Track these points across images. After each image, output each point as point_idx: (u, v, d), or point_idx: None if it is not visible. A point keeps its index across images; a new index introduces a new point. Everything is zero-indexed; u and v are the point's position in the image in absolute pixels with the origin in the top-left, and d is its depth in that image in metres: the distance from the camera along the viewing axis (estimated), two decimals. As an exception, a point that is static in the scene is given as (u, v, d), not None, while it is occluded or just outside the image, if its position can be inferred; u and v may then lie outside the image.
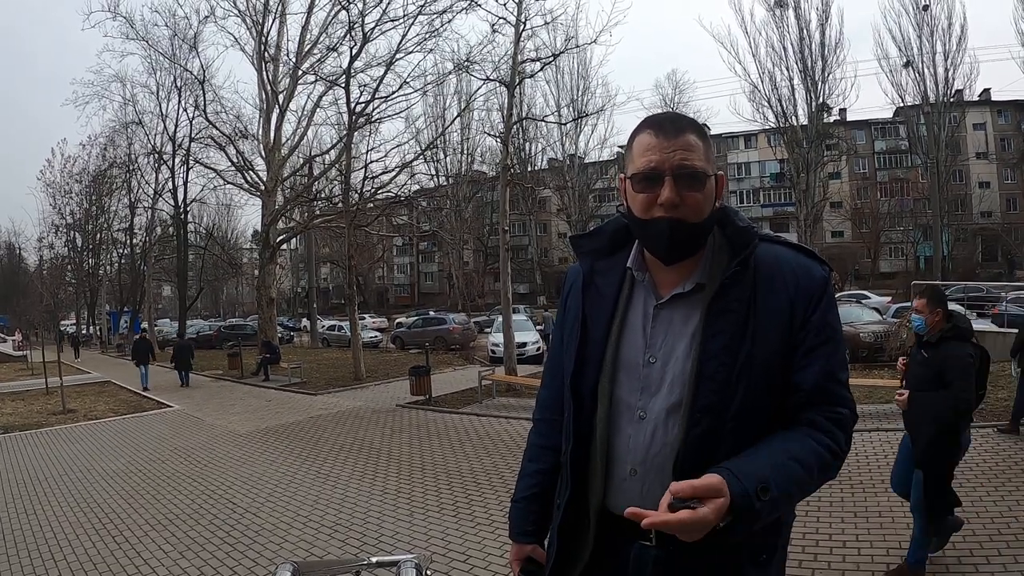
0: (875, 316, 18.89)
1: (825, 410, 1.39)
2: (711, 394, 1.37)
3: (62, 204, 44.49)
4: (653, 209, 1.41)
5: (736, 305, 1.40)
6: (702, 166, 1.40)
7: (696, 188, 1.40)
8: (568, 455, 1.57)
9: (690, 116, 1.53)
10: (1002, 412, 8.51)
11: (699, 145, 1.41)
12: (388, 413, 12.48)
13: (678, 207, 1.39)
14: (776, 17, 42.67)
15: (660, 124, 1.43)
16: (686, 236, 1.42)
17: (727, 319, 1.40)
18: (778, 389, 1.40)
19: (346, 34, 19.19)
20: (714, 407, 1.37)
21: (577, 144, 59.07)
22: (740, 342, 1.38)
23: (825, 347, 1.41)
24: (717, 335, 1.40)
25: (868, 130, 55.47)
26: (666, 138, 1.40)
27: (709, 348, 1.40)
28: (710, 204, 1.44)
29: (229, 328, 41.79)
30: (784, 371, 1.40)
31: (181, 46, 27.16)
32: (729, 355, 1.38)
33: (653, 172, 1.40)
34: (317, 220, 26.03)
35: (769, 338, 1.38)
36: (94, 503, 7.38)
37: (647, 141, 1.43)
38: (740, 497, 1.20)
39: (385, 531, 6.00)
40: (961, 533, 4.79)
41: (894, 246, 53.59)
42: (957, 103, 45.80)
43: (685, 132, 1.41)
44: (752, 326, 1.39)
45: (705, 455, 1.35)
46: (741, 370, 1.37)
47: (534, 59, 16.43)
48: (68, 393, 15.70)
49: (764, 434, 1.38)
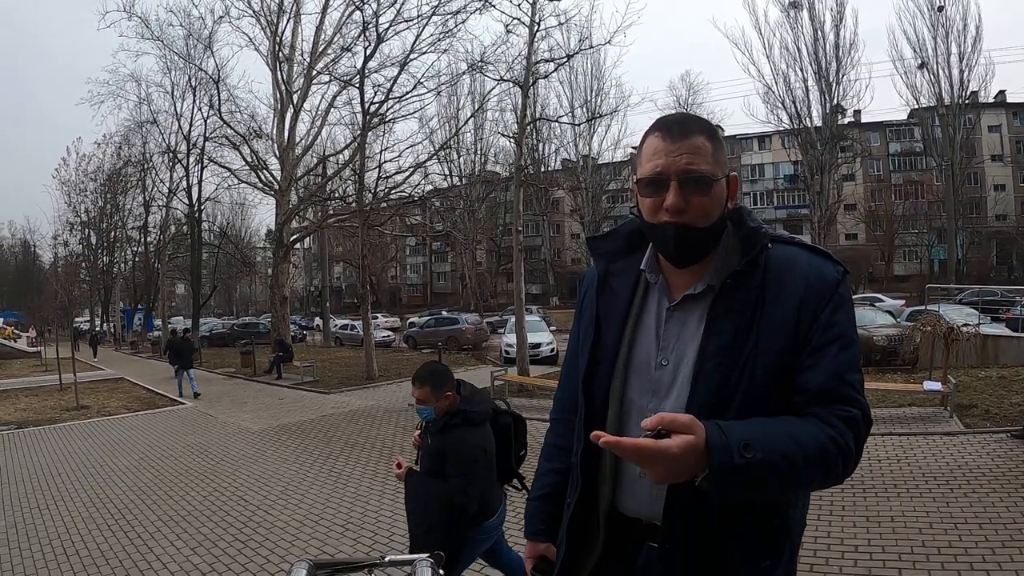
0: (889, 319, 18.78)
1: (834, 408, 1.32)
2: (709, 394, 1.37)
3: (77, 202, 44.94)
4: (660, 214, 1.41)
5: (741, 306, 1.39)
6: (708, 169, 1.39)
7: (702, 192, 1.39)
8: (579, 455, 1.57)
9: (702, 117, 1.52)
10: (1016, 417, 8.44)
11: (707, 147, 1.40)
12: (400, 412, 12.49)
13: (684, 212, 1.38)
14: (790, 18, 42.59)
15: (667, 127, 1.42)
16: (693, 241, 1.42)
17: (730, 320, 1.39)
18: (783, 391, 1.37)
19: (360, 34, 19.27)
20: (713, 407, 1.34)
21: (591, 145, 59.11)
22: (743, 342, 1.37)
23: (832, 346, 1.36)
24: (718, 335, 1.39)
25: (883, 132, 55.12)
26: (672, 141, 1.40)
27: (708, 348, 1.39)
28: (719, 207, 1.43)
29: (242, 326, 41.97)
30: (790, 373, 1.37)
31: (196, 46, 27.27)
32: (729, 355, 1.37)
33: (658, 177, 1.40)
34: (331, 219, 26.12)
35: (775, 339, 1.36)
36: (107, 499, 7.43)
37: (655, 144, 1.42)
38: (719, 448, 1.16)
39: (397, 530, 6.00)
40: (974, 539, 4.78)
41: (908, 249, 53.18)
42: (972, 105, 45.51)
43: (692, 134, 1.40)
44: (758, 327, 1.37)
45: None
46: (743, 370, 1.35)
47: (548, 60, 16.45)
48: (82, 389, 15.81)
49: None
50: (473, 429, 3.43)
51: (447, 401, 3.44)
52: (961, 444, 7.71)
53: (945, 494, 6.00)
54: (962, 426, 8.54)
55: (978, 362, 13.57)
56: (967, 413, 9.07)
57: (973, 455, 7.22)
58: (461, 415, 3.40)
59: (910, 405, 9.80)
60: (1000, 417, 8.73)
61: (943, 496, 5.95)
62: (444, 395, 3.42)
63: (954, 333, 11.06)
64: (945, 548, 4.77)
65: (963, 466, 6.82)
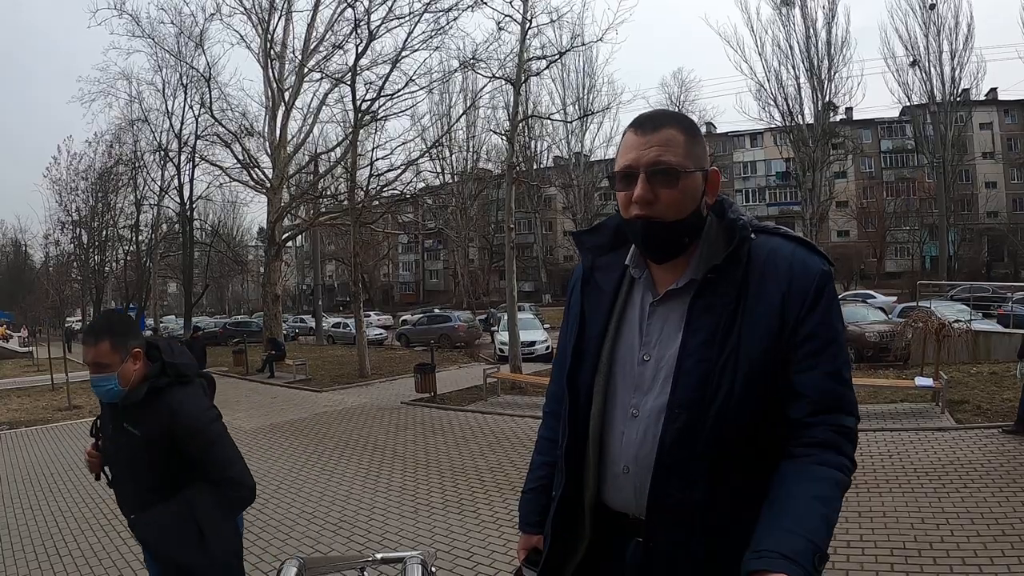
0: (880, 316, 18.88)
1: (832, 423, 1.34)
2: (690, 390, 1.36)
3: (68, 201, 44.64)
4: (631, 208, 1.41)
5: (722, 300, 1.38)
6: (677, 162, 1.37)
7: (670, 185, 1.38)
8: (564, 449, 1.57)
9: (680, 112, 1.53)
10: (1007, 413, 8.47)
11: (678, 139, 1.39)
12: (393, 410, 12.49)
13: (652, 204, 1.38)
14: (782, 16, 42.64)
15: (640, 122, 1.43)
16: (663, 235, 1.41)
17: (711, 314, 1.38)
18: (766, 387, 1.36)
19: (352, 32, 19.26)
20: (693, 402, 1.35)
21: (583, 142, 59.20)
22: (725, 337, 1.36)
23: (829, 349, 1.36)
24: (698, 331, 1.38)
25: (874, 129, 55.33)
26: (643, 134, 1.40)
27: (689, 344, 1.38)
28: (691, 201, 1.41)
29: (235, 325, 41.86)
30: (774, 369, 1.36)
31: (187, 44, 27.21)
32: (710, 350, 1.36)
33: (628, 170, 1.40)
34: (323, 217, 26.12)
35: (758, 334, 1.35)
36: (99, 498, 7.39)
37: (628, 140, 1.43)
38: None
39: (390, 528, 6.00)
40: (966, 534, 4.79)
41: (900, 246, 53.32)
42: (964, 102, 45.59)
43: (663, 128, 1.40)
44: (740, 321, 1.36)
45: (683, 451, 1.35)
46: (724, 366, 1.35)
47: (540, 57, 16.46)
48: (74, 389, 15.74)
49: (749, 436, 1.36)
50: (187, 388, 2.51)
51: (138, 362, 2.46)
52: (953, 440, 7.74)
53: (937, 489, 6.02)
54: (953, 422, 8.57)
55: (969, 358, 13.63)
56: (959, 409, 9.11)
57: (965, 450, 7.25)
58: (171, 370, 2.47)
59: (902, 401, 9.84)
60: (991, 413, 8.77)
61: (935, 491, 5.97)
62: (132, 352, 2.43)
63: (945, 329, 11.09)
64: (937, 543, 4.79)
65: (955, 461, 6.85)
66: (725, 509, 1.34)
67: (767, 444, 1.38)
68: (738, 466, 1.36)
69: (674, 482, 1.35)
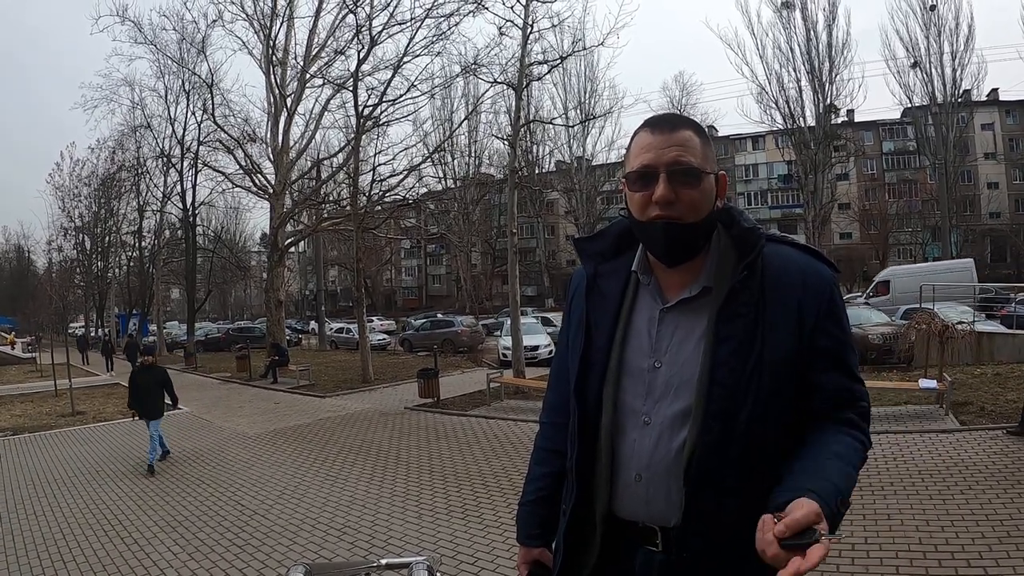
0: (884, 318, 18.82)
1: (853, 406, 1.42)
2: (722, 400, 1.36)
3: (71, 207, 44.82)
4: (649, 209, 1.40)
5: (745, 310, 1.38)
6: (698, 162, 1.38)
7: (691, 185, 1.38)
8: (574, 460, 1.55)
9: (691, 117, 1.53)
10: (1011, 414, 8.46)
11: (695, 141, 1.40)
12: (396, 415, 12.50)
13: (673, 205, 1.37)
14: (783, 18, 42.54)
15: (656, 123, 1.43)
16: (684, 236, 1.41)
17: (736, 324, 1.38)
18: (789, 390, 1.38)
19: (353, 37, 19.30)
20: (726, 412, 1.35)
21: (585, 146, 58.95)
22: (750, 347, 1.36)
23: (843, 350, 1.42)
24: (727, 340, 1.38)
25: (876, 131, 55.16)
26: (661, 135, 1.40)
27: (719, 354, 1.38)
28: (708, 203, 1.42)
29: (237, 331, 41.85)
30: (796, 371, 1.38)
31: (189, 50, 27.38)
32: (739, 360, 1.36)
33: (647, 170, 1.39)
34: (325, 223, 26.11)
35: (779, 341, 1.36)
36: (103, 504, 7.42)
37: (643, 140, 1.42)
38: (828, 516, 1.17)
39: (394, 533, 6.01)
40: (971, 536, 4.79)
41: (903, 247, 53.13)
42: (965, 103, 45.52)
43: (681, 129, 1.40)
44: (762, 329, 1.37)
45: (716, 460, 1.35)
46: (751, 375, 1.35)
47: (541, 62, 16.53)
48: (77, 395, 15.76)
49: (776, 437, 1.37)
50: None
51: None
52: (957, 441, 7.73)
53: (941, 491, 6.02)
54: (958, 423, 8.55)
55: (973, 359, 13.61)
56: (963, 410, 9.10)
57: (969, 452, 7.24)
58: None
59: (906, 403, 9.82)
60: (996, 414, 8.75)
61: (939, 493, 5.97)
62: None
63: (949, 331, 11.08)
64: (942, 545, 4.79)
65: (959, 463, 6.84)
66: (754, 514, 1.34)
67: (791, 444, 1.40)
68: (766, 469, 1.36)
69: (708, 492, 1.35)
